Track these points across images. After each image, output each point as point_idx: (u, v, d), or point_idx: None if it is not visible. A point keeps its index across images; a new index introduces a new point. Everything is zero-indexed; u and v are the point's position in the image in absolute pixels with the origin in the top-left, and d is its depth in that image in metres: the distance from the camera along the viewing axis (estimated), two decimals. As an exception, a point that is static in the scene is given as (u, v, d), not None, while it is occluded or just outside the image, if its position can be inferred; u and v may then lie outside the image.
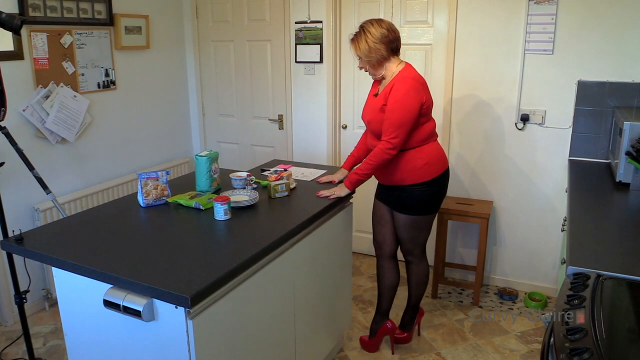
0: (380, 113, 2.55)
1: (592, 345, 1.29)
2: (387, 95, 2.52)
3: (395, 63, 2.58)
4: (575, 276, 1.67)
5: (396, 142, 2.48)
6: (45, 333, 3.19)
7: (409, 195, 2.64)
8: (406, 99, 2.46)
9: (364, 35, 2.52)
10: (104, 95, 3.79)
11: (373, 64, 2.56)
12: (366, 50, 2.52)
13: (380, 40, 2.50)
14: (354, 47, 2.56)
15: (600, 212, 2.29)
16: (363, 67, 2.61)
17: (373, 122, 2.60)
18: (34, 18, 3.23)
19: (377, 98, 2.62)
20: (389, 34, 2.52)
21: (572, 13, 3.16)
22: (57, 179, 3.50)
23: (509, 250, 3.69)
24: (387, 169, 2.63)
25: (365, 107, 2.72)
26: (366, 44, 2.51)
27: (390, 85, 2.52)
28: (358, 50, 2.55)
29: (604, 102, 3.19)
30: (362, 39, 2.52)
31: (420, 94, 2.50)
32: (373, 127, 2.62)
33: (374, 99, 2.64)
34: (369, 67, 2.59)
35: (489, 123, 3.54)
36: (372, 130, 2.65)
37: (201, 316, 1.68)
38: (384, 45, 2.51)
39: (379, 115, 2.55)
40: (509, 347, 3.03)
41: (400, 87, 2.48)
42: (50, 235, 2.04)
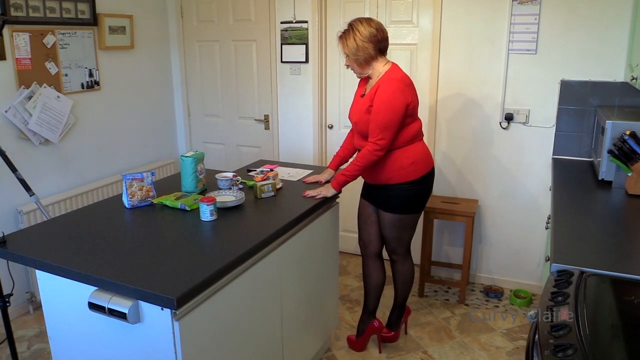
0: (367, 114, 2.54)
1: (576, 341, 1.31)
2: (373, 97, 2.51)
3: (382, 63, 2.58)
4: (559, 273, 1.69)
5: (383, 143, 2.49)
6: (30, 337, 3.16)
7: (395, 194, 2.65)
8: (391, 100, 2.46)
9: (353, 33, 2.50)
10: (88, 95, 3.76)
11: (360, 62, 2.55)
12: (354, 49, 2.50)
13: (368, 39, 2.49)
14: (342, 44, 2.55)
15: (583, 209, 2.32)
16: (350, 65, 2.60)
17: (360, 123, 2.60)
18: (16, 18, 3.19)
19: (363, 99, 2.61)
20: (377, 34, 2.51)
21: (554, 13, 3.19)
22: (41, 180, 3.46)
23: (495, 248, 3.72)
24: (373, 168, 2.63)
25: (352, 107, 2.71)
26: (354, 42, 2.49)
27: (376, 87, 2.52)
28: (346, 47, 2.53)
29: (586, 101, 3.23)
30: (351, 36, 2.50)
31: (405, 95, 2.50)
32: (360, 128, 2.61)
33: (361, 99, 2.63)
34: (356, 66, 2.58)
35: (474, 122, 3.56)
36: (358, 131, 2.65)
37: (187, 318, 1.67)
38: (372, 44, 2.50)
39: (365, 116, 2.55)
40: (495, 344, 3.05)
41: (386, 88, 2.47)
42: (34, 238, 2.02)
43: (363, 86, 2.71)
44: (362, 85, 2.72)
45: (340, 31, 2.58)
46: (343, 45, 2.54)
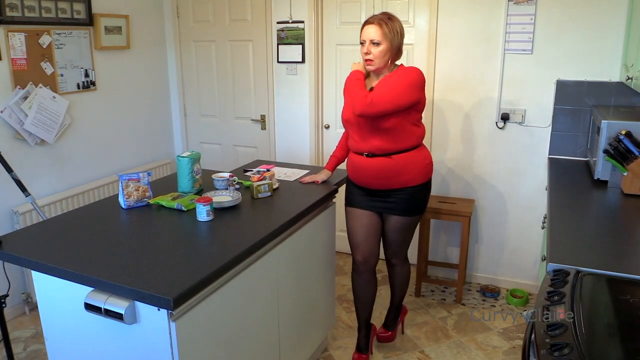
0: None
1: (572, 341, 1.31)
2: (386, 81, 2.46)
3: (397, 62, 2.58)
4: (555, 273, 1.70)
5: (379, 107, 2.37)
6: (26, 338, 3.15)
7: (417, 195, 2.60)
8: (412, 80, 2.40)
9: (396, 20, 2.46)
10: (83, 96, 3.75)
11: (392, 50, 2.45)
12: (398, 34, 2.45)
13: (402, 38, 2.49)
14: (388, 27, 2.41)
15: (579, 209, 2.33)
16: (377, 53, 2.43)
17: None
18: (11, 18, 3.18)
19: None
20: (404, 35, 2.53)
21: (550, 13, 3.20)
22: (37, 181, 3.45)
23: (491, 248, 3.72)
24: (392, 171, 2.52)
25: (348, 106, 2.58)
26: (399, 28, 2.46)
27: (392, 74, 2.46)
28: (392, 31, 2.42)
29: (582, 101, 3.24)
30: (396, 22, 2.46)
31: (423, 88, 2.49)
32: (363, 123, 2.48)
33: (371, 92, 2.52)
34: (385, 54, 2.44)
35: (470, 122, 3.57)
36: (359, 126, 2.51)
37: (184, 318, 1.67)
38: (402, 38, 2.49)
39: None
40: (492, 343, 3.06)
41: (409, 71, 2.44)
42: (29, 239, 2.02)
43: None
44: None
45: (379, 15, 2.46)
46: (389, 28, 2.42)
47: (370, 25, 2.43)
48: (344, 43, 3.87)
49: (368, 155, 2.53)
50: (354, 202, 2.70)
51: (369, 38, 2.42)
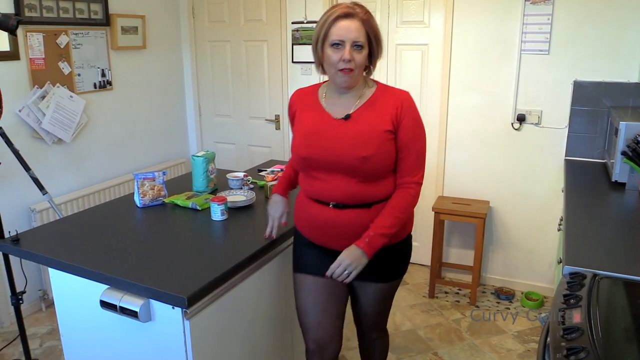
0: (391, 141, 1.78)
1: (589, 345, 1.30)
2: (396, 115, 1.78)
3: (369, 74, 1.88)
4: (572, 276, 1.68)
5: (422, 181, 1.87)
6: (42, 334, 3.18)
7: (400, 253, 1.97)
8: (421, 121, 1.86)
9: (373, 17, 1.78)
10: (100, 95, 3.78)
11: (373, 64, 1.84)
12: (379, 36, 1.79)
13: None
14: (372, 25, 1.76)
15: (596, 211, 2.30)
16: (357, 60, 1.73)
17: (374, 156, 1.75)
18: (30, 18, 3.22)
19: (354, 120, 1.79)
20: None
21: (567, 13, 3.17)
22: (54, 179, 3.49)
23: (506, 250, 3.69)
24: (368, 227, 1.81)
25: (319, 139, 1.80)
26: (378, 28, 1.79)
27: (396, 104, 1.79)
28: (371, 29, 1.75)
29: (599, 102, 3.20)
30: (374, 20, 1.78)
31: None
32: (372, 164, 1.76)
33: (345, 122, 1.79)
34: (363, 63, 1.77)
35: (485, 123, 3.54)
36: (333, 167, 1.78)
37: (198, 317, 1.68)
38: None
39: (384, 142, 1.77)
40: (506, 346, 3.03)
41: (413, 105, 1.82)
42: (46, 236, 2.04)
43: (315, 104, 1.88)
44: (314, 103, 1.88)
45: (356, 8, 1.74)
46: (374, 27, 1.76)
47: (350, 20, 1.71)
48: (359, 43, 3.86)
49: (336, 206, 1.82)
50: (306, 266, 1.95)
51: (352, 38, 1.70)
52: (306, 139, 1.83)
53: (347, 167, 1.76)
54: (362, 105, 1.81)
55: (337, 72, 1.75)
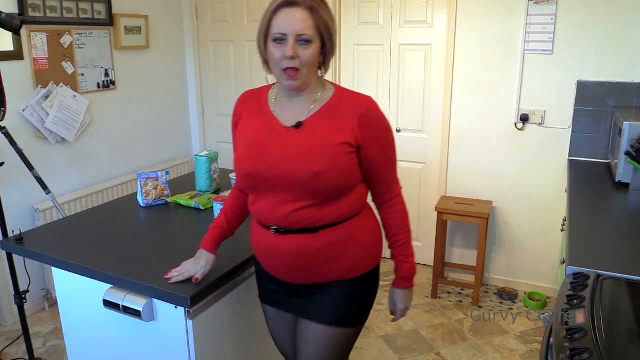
0: (350, 155, 1.50)
1: (592, 345, 1.29)
2: (357, 125, 1.49)
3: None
4: (575, 276, 1.67)
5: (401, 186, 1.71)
6: (45, 333, 3.19)
7: (358, 293, 1.63)
8: (391, 129, 1.61)
9: (331, 13, 1.50)
10: (103, 95, 3.79)
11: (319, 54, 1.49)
12: (334, 28, 1.50)
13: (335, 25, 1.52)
14: (321, 14, 1.45)
15: (600, 212, 2.29)
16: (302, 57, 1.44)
17: (327, 172, 1.46)
18: (33, 18, 3.23)
19: (306, 129, 1.51)
20: None
21: (571, 13, 3.16)
22: (57, 179, 3.49)
23: (509, 250, 3.69)
24: (317, 257, 1.55)
25: (264, 151, 1.52)
26: (335, 30, 1.51)
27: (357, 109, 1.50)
28: (325, 21, 1.46)
29: (603, 102, 3.19)
30: (328, 6, 1.50)
31: None
32: (325, 182, 1.47)
33: (295, 131, 1.51)
34: (311, 59, 1.46)
35: (488, 123, 3.54)
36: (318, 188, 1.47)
37: (201, 316, 1.68)
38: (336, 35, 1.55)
39: (340, 157, 1.48)
40: (509, 347, 3.03)
41: (380, 116, 1.55)
42: (50, 236, 2.04)
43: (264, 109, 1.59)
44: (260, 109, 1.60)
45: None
46: (323, 16, 1.45)
47: (294, 9, 1.43)
48: (362, 43, 3.86)
49: (277, 231, 1.55)
50: (263, 296, 1.78)
51: (295, 31, 1.42)
52: (249, 150, 1.55)
53: (295, 185, 1.47)
54: (317, 112, 1.52)
55: (281, 72, 1.47)
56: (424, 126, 3.79)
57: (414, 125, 3.82)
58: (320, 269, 1.56)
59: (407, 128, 3.84)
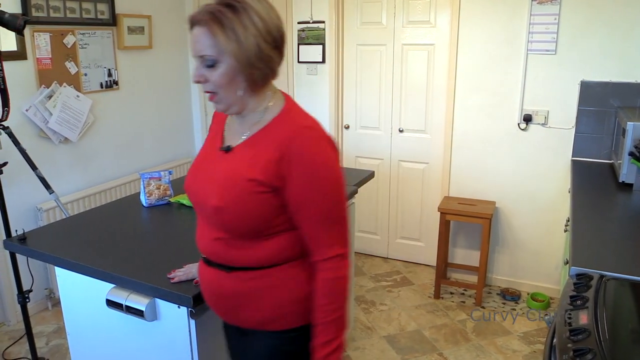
0: (259, 195, 1.28)
1: (595, 346, 1.29)
2: (276, 160, 1.27)
3: (272, 89, 1.38)
4: (579, 277, 1.67)
5: (347, 251, 1.33)
6: (48, 332, 3.20)
7: (280, 349, 1.42)
8: (331, 167, 1.30)
9: (250, 9, 1.24)
10: (106, 95, 3.80)
11: (247, 69, 1.26)
12: (256, 37, 1.24)
13: (273, 40, 1.28)
14: (226, 27, 1.22)
15: (603, 212, 2.29)
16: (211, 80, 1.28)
17: (229, 209, 1.30)
18: (37, 18, 3.23)
19: (228, 157, 1.35)
20: (281, 32, 1.31)
21: (575, 13, 3.15)
22: (60, 178, 3.50)
23: (512, 250, 3.68)
24: (229, 297, 1.39)
25: (199, 170, 1.42)
26: (258, 22, 1.24)
27: (279, 140, 1.28)
28: (235, 33, 1.22)
29: (607, 103, 3.18)
30: (249, 12, 1.23)
31: (335, 157, 1.33)
32: (228, 219, 1.31)
33: (224, 156, 1.37)
34: (225, 81, 1.27)
35: (491, 123, 3.53)
36: (223, 224, 1.33)
37: (204, 316, 1.68)
38: (277, 51, 1.31)
39: (247, 195, 1.28)
40: (512, 347, 3.02)
41: (312, 151, 1.27)
42: (53, 235, 2.05)
43: (219, 129, 1.46)
44: (217, 127, 1.47)
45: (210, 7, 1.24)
46: (231, 29, 1.22)
47: (197, 28, 1.25)
48: (365, 43, 3.86)
49: (204, 260, 1.45)
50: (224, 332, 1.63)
51: (196, 52, 1.27)
52: (192, 166, 1.46)
53: (206, 214, 1.36)
54: (249, 138, 1.33)
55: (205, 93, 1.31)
56: (427, 126, 3.78)
57: (417, 126, 3.81)
58: (240, 311, 1.39)
59: (410, 128, 3.84)
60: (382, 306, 3.45)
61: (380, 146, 3.98)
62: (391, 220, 4.08)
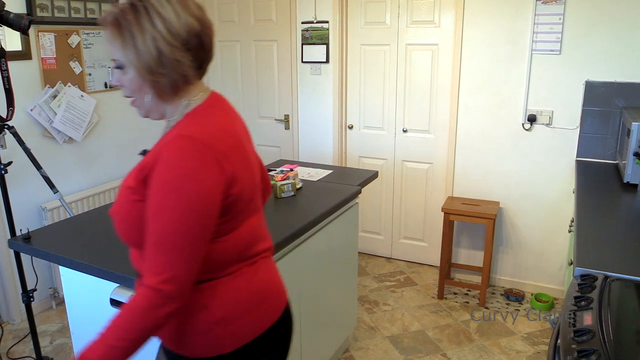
0: (134, 204, 1.21)
1: (600, 347, 1.29)
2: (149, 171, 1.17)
3: (197, 90, 1.30)
4: (583, 277, 1.67)
5: (173, 287, 1.13)
6: (52, 331, 3.21)
7: None
8: (180, 187, 1.12)
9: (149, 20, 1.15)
10: (111, 95, 3.81)
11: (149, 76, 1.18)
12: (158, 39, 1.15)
13: (183, 42, 1.19)
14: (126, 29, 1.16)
15: (607, 213, 2.28)
16: (124, 84, 1.23)
17: (115, 217, 1.25)
18: (41, 18, 3.24)
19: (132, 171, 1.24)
20: (200, 28, 1.25)
21: (579, 13, 3.15)
22: (65, 178, 3.51)
23: (516, 251, 3.67)
24: None
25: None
26: (153, 44, 1.15)
27: (158, 149, 1.18)
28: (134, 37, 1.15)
29: (611, 103, 3.17)
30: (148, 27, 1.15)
31: (216, 172, 1.17)
32: (116, 227, 1.25)
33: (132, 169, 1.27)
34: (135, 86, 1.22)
35: (495, 123, 3.52)
36: (122, 236, 1.26)
37: (207, 316, 1.68)
38: (189, 53, 1.21)
39: (124, 203, 1.22)
40: (515, 348, 3.01)
41: (169, 161, 1.14)
42: (57, 234, 2.05)
43: None
44: None
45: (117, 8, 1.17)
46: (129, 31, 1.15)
47: (104, 30, 1.20)
48: (369, 43, 3.86)
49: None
50: None
51: (109, 54, 1.24)
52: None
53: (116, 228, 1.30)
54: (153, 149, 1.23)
55: None
56: (431, 126, 3.78)
57: (421, 126, 3.81)
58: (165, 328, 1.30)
59: (414, 128, 3.84)
60: (385, 306, 3.45)
61: (383, 146, 3.98)
62: (395, 220, 4.08)
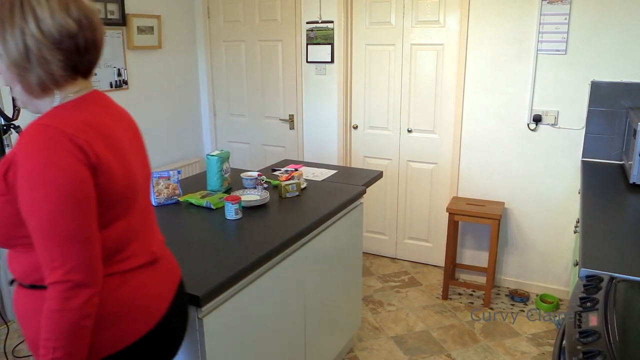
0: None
1: (605, 349, 1.28)
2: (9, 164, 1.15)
3: (73, 89, 1.25)
4: (588, 278, 1.66)
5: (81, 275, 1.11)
6: (58, 330, 3.21)
7: None
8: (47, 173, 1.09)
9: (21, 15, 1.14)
10: (116, 94, 3.82)
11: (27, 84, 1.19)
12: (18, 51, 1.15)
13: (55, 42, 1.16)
14: None
15: (613, 213, 2.27)
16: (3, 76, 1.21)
17: None
18: (47, 18, 3.26)
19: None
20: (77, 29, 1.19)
21: (585, 13, 3.13)
22: (70, 177, 3.52)
23: (521, 251, 3.66)
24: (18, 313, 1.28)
25: None
26: (21, 39, 1.14)
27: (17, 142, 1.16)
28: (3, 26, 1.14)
29: (617, 103, 3.16)
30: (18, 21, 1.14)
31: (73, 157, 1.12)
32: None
33: None
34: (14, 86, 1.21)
35: (500, 123, 3.51)
36: None
37: (212, 315, 1.68)
38: (61, 52, 1.17)
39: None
40: (520, 349, 3.01)
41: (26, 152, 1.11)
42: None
43: None
44: None
45: None
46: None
47: None
48: (374, 43, 3.86)
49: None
50: None
51: None
52: None
53: None
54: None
55: None
56: (436, 126, 3.77)
57: (426, 126, 3.80)
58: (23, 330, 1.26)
59: (419, 128, 3.83)
60: (390, 306, 3.45)
61: (388, 146, 3.98)
62: (399, 220, 4.07)
